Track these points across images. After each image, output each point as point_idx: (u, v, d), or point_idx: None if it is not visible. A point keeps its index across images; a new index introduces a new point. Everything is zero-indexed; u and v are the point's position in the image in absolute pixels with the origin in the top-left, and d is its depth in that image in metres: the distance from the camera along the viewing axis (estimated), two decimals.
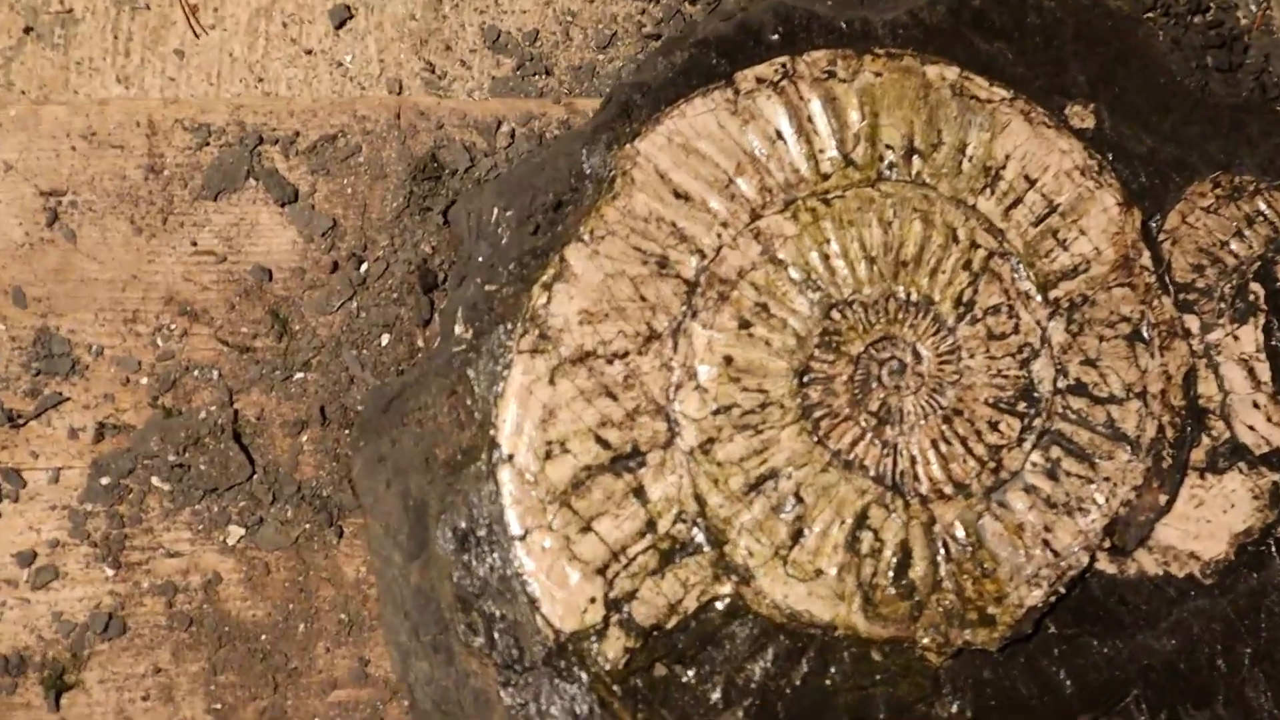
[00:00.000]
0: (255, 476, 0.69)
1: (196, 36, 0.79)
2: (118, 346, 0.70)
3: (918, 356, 0.65)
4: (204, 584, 0.68)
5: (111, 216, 0.71)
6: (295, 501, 0.69)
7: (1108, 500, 0.65)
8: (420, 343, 0.71)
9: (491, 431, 0.63)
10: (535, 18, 0.81)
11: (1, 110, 0.71)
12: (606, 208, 0.66)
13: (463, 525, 0.62)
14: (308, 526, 0.69)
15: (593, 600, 0.61)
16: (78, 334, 0.70)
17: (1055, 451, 0.65)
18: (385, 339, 0.71)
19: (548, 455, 0.63)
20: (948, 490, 0.64)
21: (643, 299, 0.65)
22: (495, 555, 0.62)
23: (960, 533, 0.64)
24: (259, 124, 0.73)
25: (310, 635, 0.67)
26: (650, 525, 0.62)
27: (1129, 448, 0.65)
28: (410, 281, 0.72)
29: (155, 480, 0.68)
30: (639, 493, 0.63)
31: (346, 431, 0.70)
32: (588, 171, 0.67)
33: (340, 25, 0.80)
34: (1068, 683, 0.63)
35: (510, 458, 0.63)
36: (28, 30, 0.76)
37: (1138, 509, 0.65)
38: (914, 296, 0.66)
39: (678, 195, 0.66)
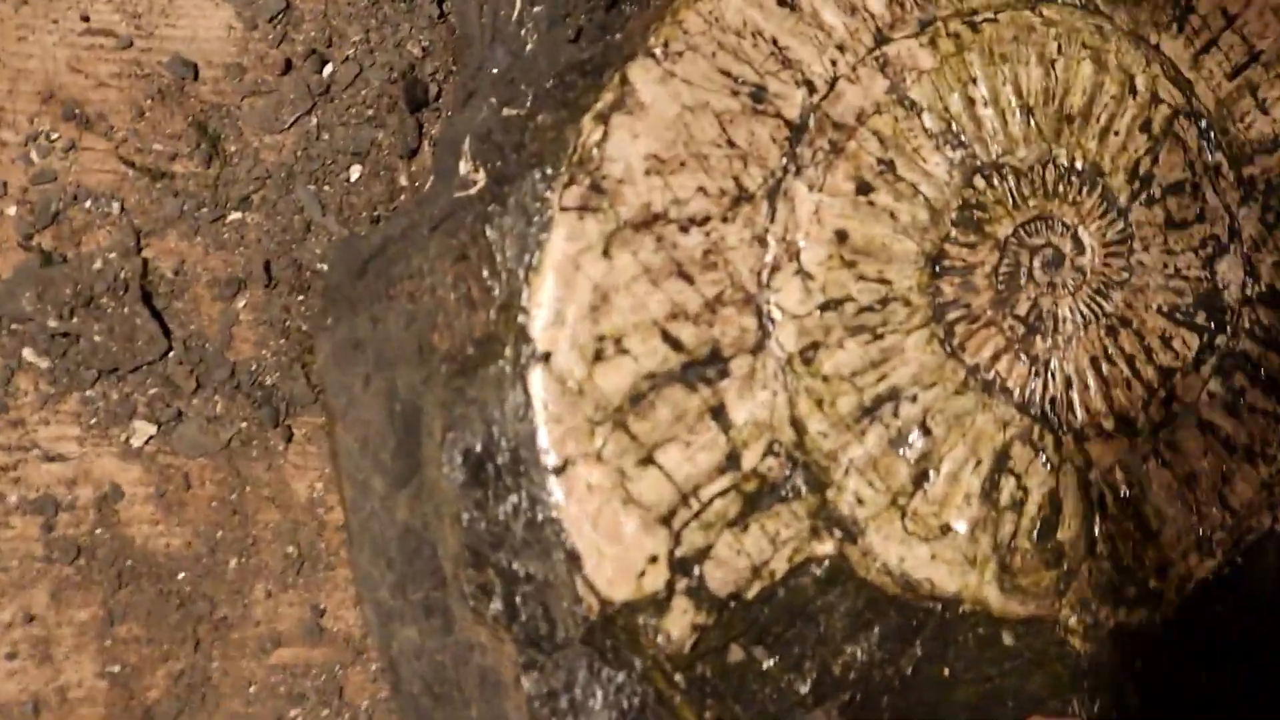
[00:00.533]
0: (172, 353, 0.50)
1: None
2: None
3: (1079, 245, 0.50)
4: (97, 500, 0.49)
5: None
6: (227, 391, 0.50)
7: None
8: (404, 180, 0.52)
9: (520, 318, 0.46)
10: None
11: None
12: (686, 11, 0.48)
13: (477, 448, 0.45)
14: (244, 426, 0.50)
15: (653, 560, 0.45)
16: None
17: (1239, 379, 0.51)
18: (355, 171, 0.52)
19: (598, 356, 0.46)
20: (1108, 425, 0.49)
21: (731, 144, 0.47)
22: (521, 492, 0.45)
23: (1121, 482, 0.49)
24: None
25: (245, 574, 0.50)
26: (732, 459, 0.46)
27: None
28: (391, 94, 0.52)
29: (28, 353, 0.49)
30: (718, 413, 0.46)
31: (301, 298, 0.51)
32: None
33: None
34: (1241, 680, 0.50)
35: (546, 357, 0.45)
36: None
37: None
38: (1079, 163, 0.50)
39: (782, 2, 0.48)
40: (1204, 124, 0.51)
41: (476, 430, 0.46)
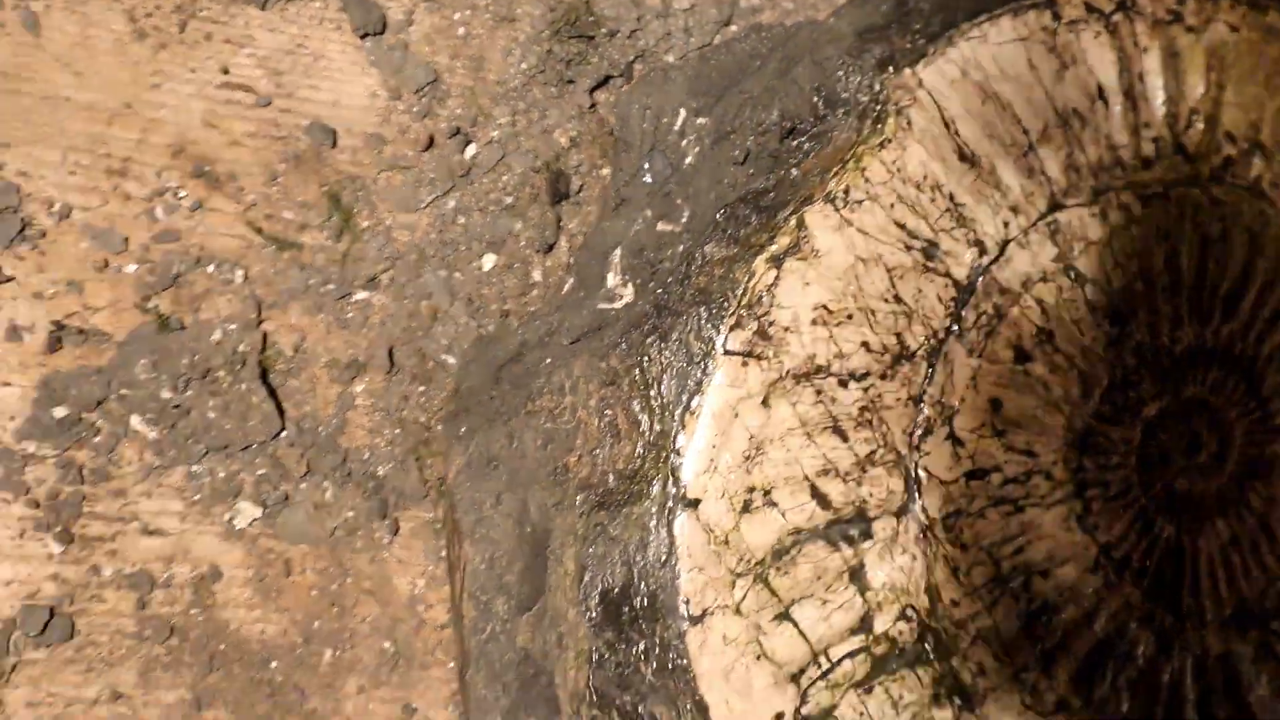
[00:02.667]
0: (284, 434, 0.48)
1: None
2: (95, 210, 0.47)
3: (1224, 433, 0.49)
4: (194, 580, 0.47)
5: (99, 4, 0.47)
6: (337, 478, 0.48)
7: None
8: (537, 275, 0.50)
9: (672, 459, 0.44)
10: None
11: None
12: (870, 158, 0.46)
13: (615, 589, 0.44)
14: (350, 515, 0.48)
15: (779, 716, 0.44)
16: (33, 180, 0.46)
17: None
18: (489, 261, 0.50)
19: (746, 507, 0.44)
20: (1226, 612, 0.49)
21: (899, 300, 0.46)
22: (656, 637, 0.44)
23: (1224, 672, 0.49)
24: None
25: (339, 667, 0.48)
26: (866, 620, 0.45)
27: None
28: (534, 184, 0.50)
29: (136, 421, 0.46)
30: (857, 574, 0.45)
31: (422, 389, 0.49)
32: (844, 95, 0.47)
33: None
34: None
35: (695, 503, 0.44)
36: None
37: None
38: (1237, 349, 0.49)
39: (963, 157, 0.47)
40: None
41: (616, 571, 0.44)
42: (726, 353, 0.45)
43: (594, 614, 0.44)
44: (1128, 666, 0.48)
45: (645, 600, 0.44)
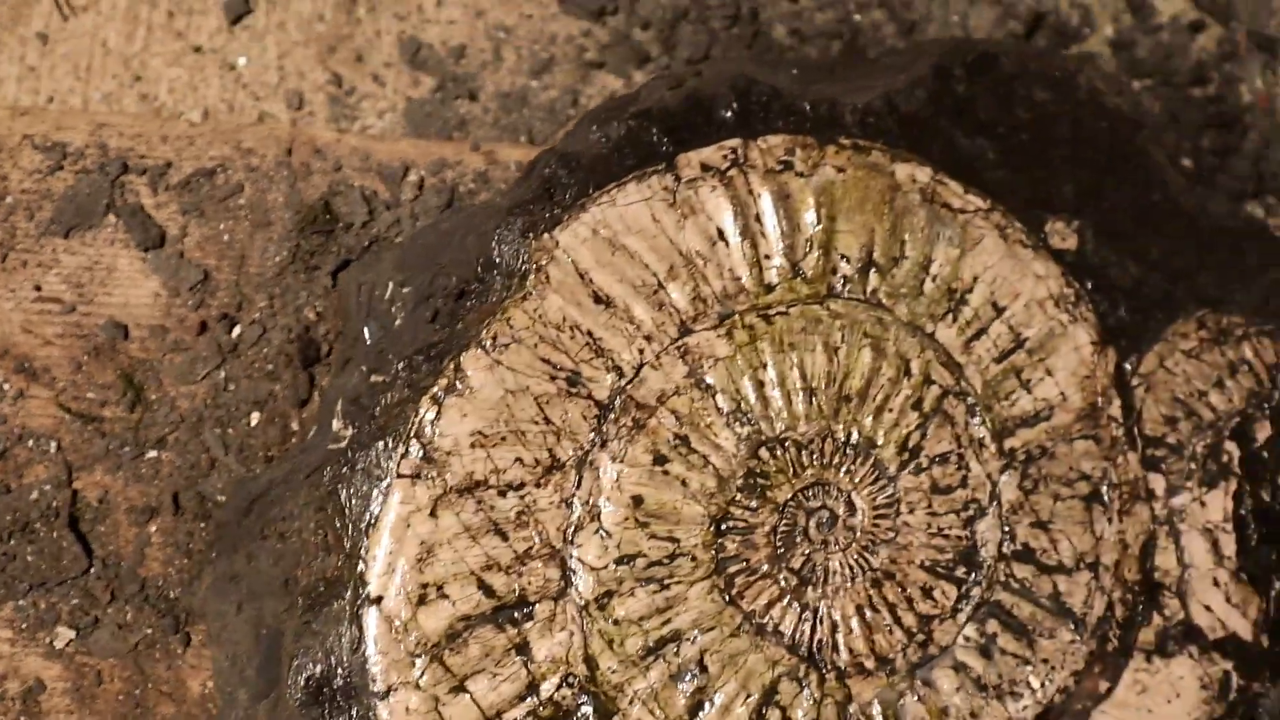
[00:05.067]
0: (92, 570, 0.60)
1: (64, 19, 0.68)
2: None
3: (851, 508, 0.58)
4: (23, 693, 0.59)
5: None
6: (137, 602, 0.60)
7: (1043, 685, 0.58)
8: (296, 425, 0.62)
9: (360, 566, 0.55)
10: (463, 31, 0.71)
11: None
12: (514, 309, 0.57)
13: (317, 673, 0.55)
14: (149, 631, 0.60)
15: None
16: None
17: (992, 626, 0.58)
18: (255, 418, 0.62)
19: (422, 600, 0.55)
20: (869, 664, 0.57)
21: (547, 421, 0.57)
22: (354, 712, 0.54)
23: (878, 714, 0.57)
24: (124, 148, 0.63)
25: None
26: (532, 688, 0.55)
27: (1073, 626, 0.58)
28: (289, 352, 0.62)
29: None
30: (523, 649, 0.55)
31: (202, 525, 0.61)
32: (497, 260, 0.58)
33: (236, 20, 0.69)
34: None
35: (378, 600, 0.55)
36: None
37: (1075, 696, 0.59)
38: (855, 438, 0.58)
39: (598, 300, 0.58)
40: (970, 401, 0.60)
41: (318, 657, 0.55)
42: (399, 476, 0.56)
43: (300, 695, 0.55)
44: (779, 716, 0.56)
45: (342, 681, 0.55)
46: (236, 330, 0.63)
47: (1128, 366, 0.61)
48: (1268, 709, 0.60)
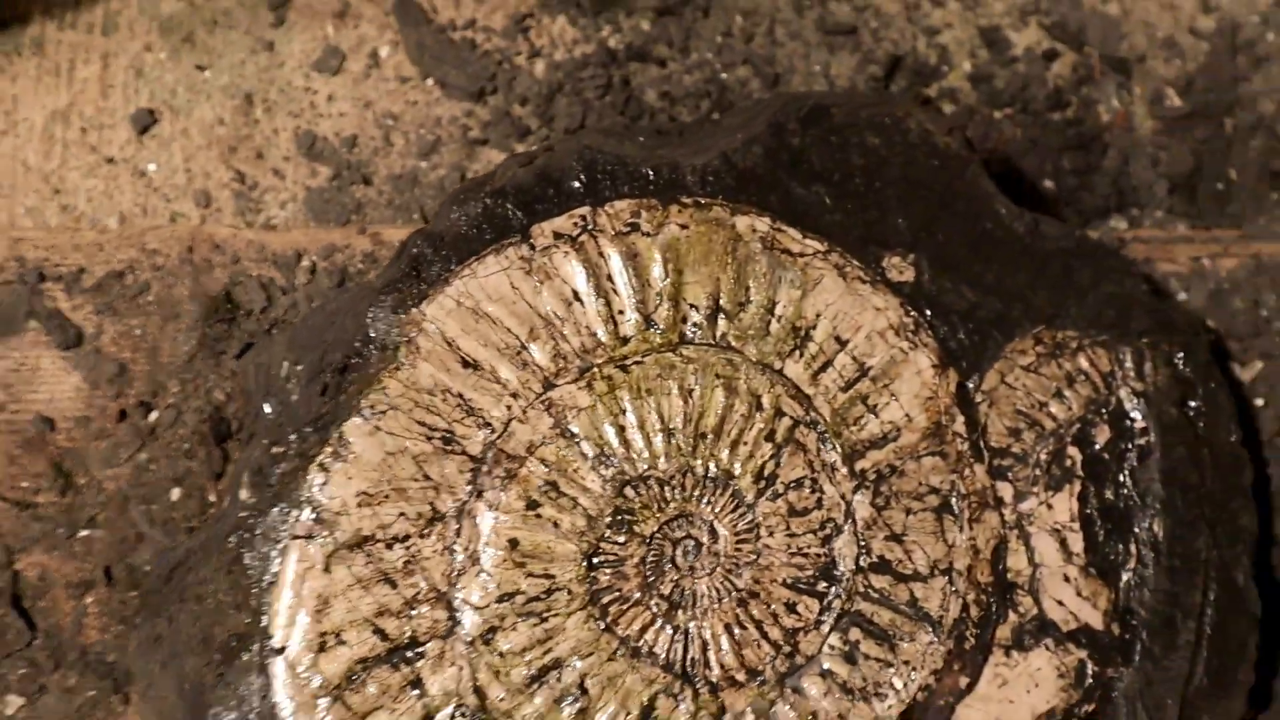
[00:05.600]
0: (35, 642, 0.66)
1: None
2: None
3: (714, 535, 0.63)
4: None
5: None
6: (78, 668, 0.66)
7: (906, 685, 0.63)
8: (213, 496, 0.68)
9: (264, 620, 0.61)
10: (353, 122, 0.77)
11: None
12: (389, 379, 0.63)
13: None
14: (92, 694, 0.66)
15: None
16: None
17: (854, 633, 0.63)
18: (176, 493, 0.68)
19: (321, 647, 0.60)
20: (740, 677, 0.62)
21: (426, 478, 0.62)
22: None
23: None
24: (39, 259, 0.70)
25: None
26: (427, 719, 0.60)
27: (931, 628, 0.63)
28: (202, 431, 0.69)
29: None
30: (417, 685, 0.61)
31: (134, 594, 0.67)
32: (373, 336, 0.64)
33: (144, 130, 0.76)
34: None
35: (282, 650, 0.60)
36: None
37: (937, 693, 0.63)
38: (713, 471, 0.63)
39: (466, 364, 0.63)
40: (821, 429, 0.65)
41: (230, 705, 0.61)
42: (294, 537, 0.62)
43: None
44: None
45: None
46: (154, 415, 0.69)
47: (970, 385, 0.66)
48: (1122, 691, 0.65)
